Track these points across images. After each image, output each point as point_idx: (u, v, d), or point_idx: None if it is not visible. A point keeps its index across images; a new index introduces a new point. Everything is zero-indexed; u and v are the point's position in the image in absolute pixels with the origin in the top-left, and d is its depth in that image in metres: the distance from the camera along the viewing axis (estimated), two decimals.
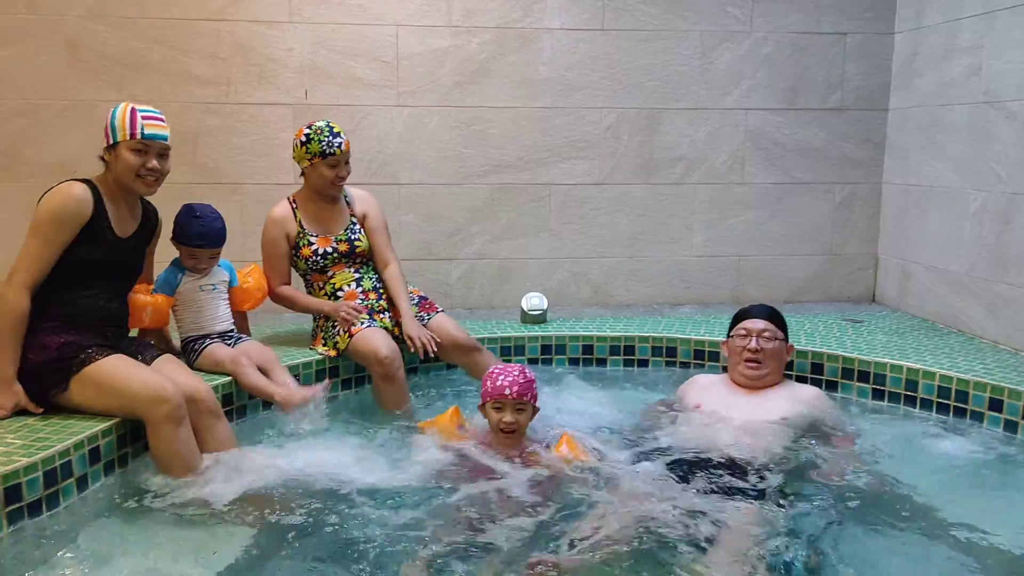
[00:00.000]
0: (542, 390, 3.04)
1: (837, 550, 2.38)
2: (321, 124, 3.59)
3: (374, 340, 3.46)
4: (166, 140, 2.88)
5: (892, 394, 3.59)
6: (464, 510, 2.53)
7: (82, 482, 2.63)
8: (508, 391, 2.85)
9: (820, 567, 2.29)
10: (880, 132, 4.96)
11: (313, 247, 3.66)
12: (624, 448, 2.96)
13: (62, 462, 2.54)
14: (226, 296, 3.45)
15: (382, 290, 3.75)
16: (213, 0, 4.46)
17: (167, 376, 2.80)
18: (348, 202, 3.79)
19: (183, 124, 4.34)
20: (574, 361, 4.12)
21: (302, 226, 3.68)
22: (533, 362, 4.03)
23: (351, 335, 3.52)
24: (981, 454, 3.05)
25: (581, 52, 4.74)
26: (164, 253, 3.31)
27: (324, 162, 3.58)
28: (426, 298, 3.88)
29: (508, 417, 2.86)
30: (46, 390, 2.77)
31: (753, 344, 3.18)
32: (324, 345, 3.64)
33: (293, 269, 3.76)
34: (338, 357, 3.60)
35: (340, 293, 3.70)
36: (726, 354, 3.34)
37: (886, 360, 3.62)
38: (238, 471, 2.74)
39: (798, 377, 3.68)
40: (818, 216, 5.02)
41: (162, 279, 3.28)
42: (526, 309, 4.33)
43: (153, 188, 2.92)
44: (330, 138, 3.57)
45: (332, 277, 3.71)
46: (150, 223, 3.09)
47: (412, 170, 4.74)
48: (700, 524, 2.40)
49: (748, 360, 3.18)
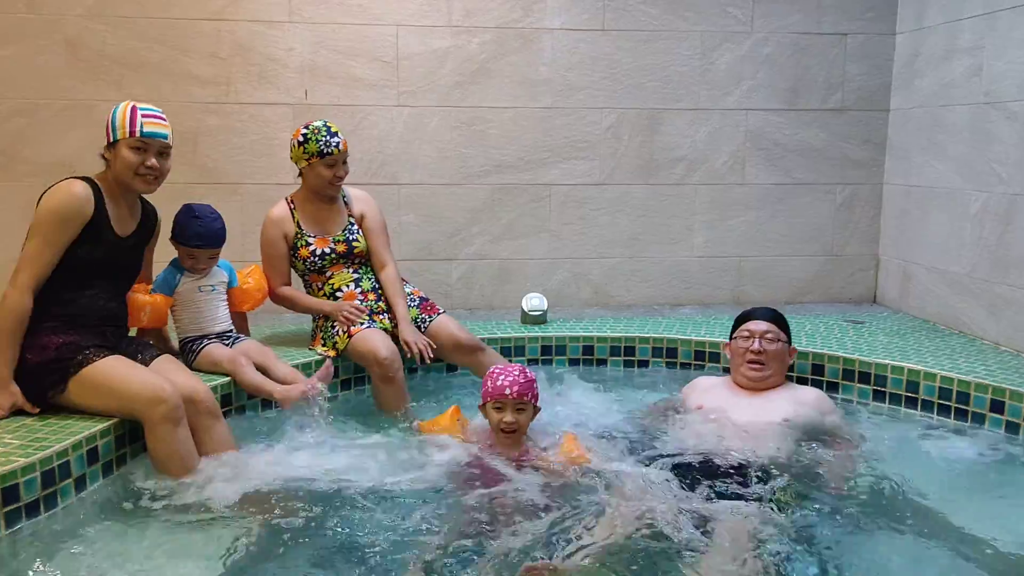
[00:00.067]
0: (542, 391, 3.03)
1: (838, 552, 2.37)
2: (318, 124, 3.58)
3: (373, 341, 3.45)
4: (166, 139, 2.87)
5: (893, 395, 3.57)
6: (464, 511, 2.52)
7: (80, 483, 2.62)
8: (508, 391, 2.84)
9: (821, 569, 2.28)
10: (881, 133, 4.95)
11: (311, 248, 3.65)
12: (625, 449, 2.95)
13: (60, 463, 2.53)
14: (225, 297, 3.44)
15: (381, 291, 3.74)
16: (213, 0, 4.46)
17: (165, 376, 2.79)
18: (346, 202, 3.78)
19: (183, 124, 4.32)
20: (574, 362, 4.11)
21: (300, 227, 3.67)
22: (533, 363, 4.02)
23: (350, 336, 3.51)
24: (982, 456, 3.04)
25: (581, 52, 4.73)
26: (164, 253, 3.30)
27: (322, 162, 3.57)
28: (427, 299, 3.86)
29: (508, 417, 2.85)
30: (44, 391, 2.76)
31: (756, 346, 3.17)
32: (323, 345, 3.63)
33: (292, 270, 3.75)
34: (337, 357, 3.60)
35: (339, 294, 3.69)
36: (728, 356, 3.33)
37: (887, 361, 3.61)
38: (236, 472, 2.74)
39: (798, 378, 3.67)
40: (819, 217, 5.01)
41: (161, 279, 3.27)
42: (526, 310, 4.32)
43: (152, 186, 2.91)
44: (327, 138, 3.56)
45: (331, 278, 3.70)
46: (149, 222, 3.08)
47: (412, 170, 4.73)
48: (700, 526, 2.39)
49: (750, 362, 3.18)
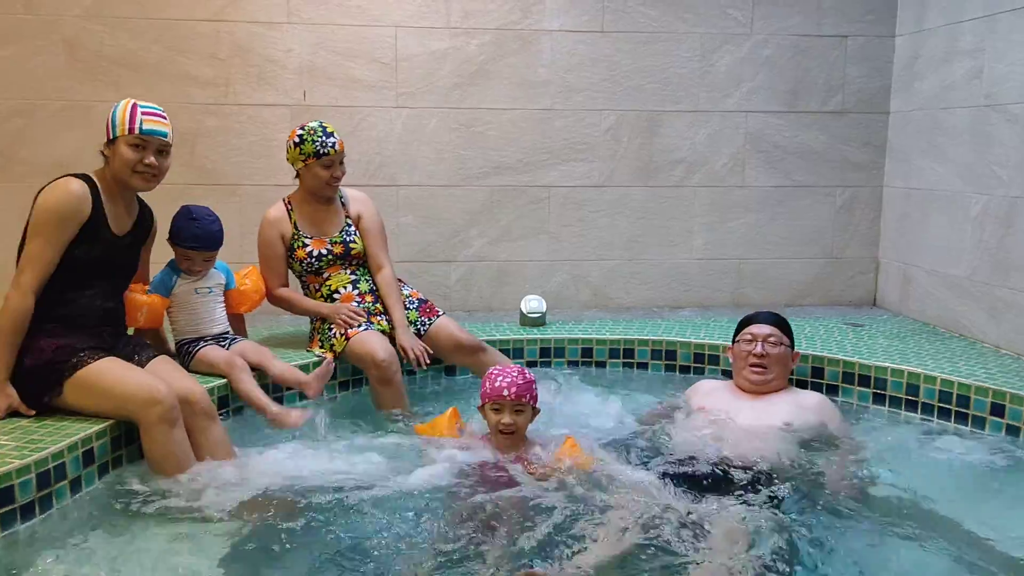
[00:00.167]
0: (541, 393, 3.01)
1: (837, 554, 2.36)
2: (314, 124, 3.57)
3: (371, 343, 3.44)
4: (165, 137, 2.85)
5: (893, 398, 3.56)
6: (461, 514, 2.51)
7: (76, 485, 2.60)
8: (506, 392, 2.83)
9: (821, 572, 2.27)
10: (881, 135, 4.94)
11: (308, 249, 3.64)
12: (625, 452, 2.93)
13: (55, 464, 2.51)
14: (221, 299, 3.43)
15: (378, 292, 3.72)
16: (212, 1, 4.45)
17: (161, 377, 2.78)
18: (343, 203, 3.76)
19: (181, 125, 4.30)
20: (573, 364, 4.10)
21: (297, 228, 3.66)
22: (532, 364, 4.01)
23: (347, 338, 3.50)
24: (982, 459, 3.03)
25: (581, 54, 4.72)
26: (162, 254, 3.29)
27: (318, 163, 3.55)
28: (426, 301, 3.85)
29: (507, 418, 2.84)
30: (40, 393, 2.75)
31: (758, 349, 3.16)
32: (321, 347, 3.61)
33: (289, 271, 3.74)
34: (335, 360, 3.58)
35: (336, 295, 3.67)
36: (731, 359, 3.32)
37: (887, 364, 3.60)
38: (232, 474, 2.72)
39: (798, 381, 3.65)
40: (819, 219, 5.00)
41: (157, 280, 3.26)
42: (525, 312, 4.31)
43: (151, 184, 2.89)
44: (323, 138, 3.54)
45: (328, 279, 3.69)
46: (145, 222, 3.06)
47: (411, 172, 4.72)
48: (700, 529, 2.38)
49: (753, 365, 3.16)
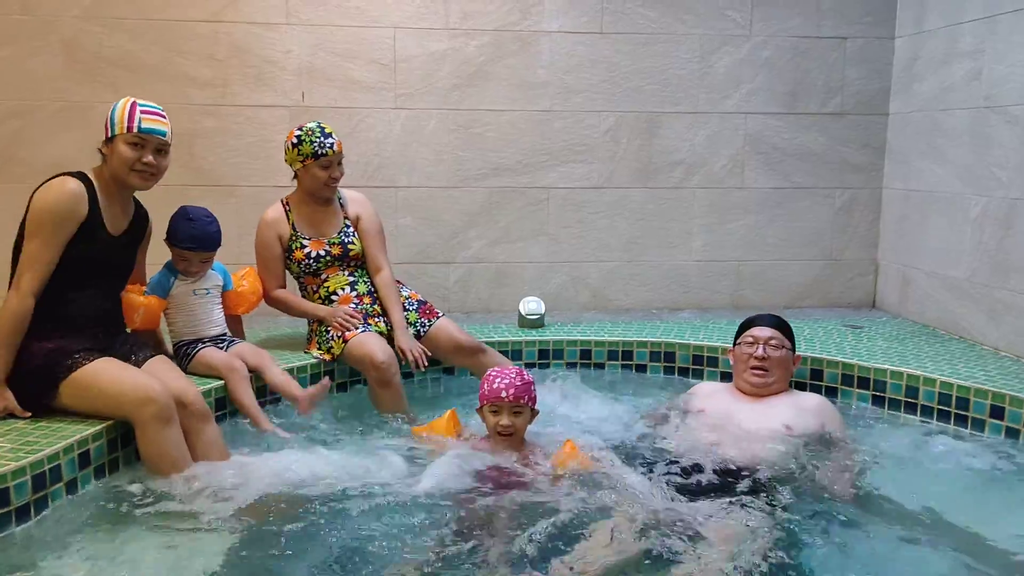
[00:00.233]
0: (539, 395, 3.00)
1: (836, 557, 2.35)
2: (312, 125, 3.56)
3: (369, 345, 3.43)
4: (164, 136, 2.84)
5: (892, 401, 3.55)
6: (459, 517, 2.50)
7: (71, 486, 2.60)
8: (504, 394, 2.82)
9: (820, 574, 2.26)
10: (880, 137, 4.93)
11: (306, 250, 3.63)
12: (624, 454, 2.91)
13: (51, 466, 2.51)
14: (219, 300, 3.42)
15: (377, 294, 3.71)
16: (210, 2, 4.44)
17: (156, 377, 2.77)
18: (342, 204, 3.75)
19: (179, 126, 4.26)
20: (572, 366, 4.08)
21: (295, 229, 3.65)
22: (531, 366, 3.99)
23: (345, 340, 3.49)
24: (982, 462, 3.01)
25: (580, 55, 4.71)
26: (160, 255, 3.28)
27: (316, 163, 3.54)
28: (425, 302, 3.84)
29: (505, 420, 2.83)
30: (36, 396, 2.74)
31: (760, 352, 3.14)
32: (319, 349, 3.60)
33: (287, 272, 3.73)
34: (333, 362, 3.57)
35: (334, 297, 3.66)
36: (731, 361, 3.31)
37: (886, 366, 3.59)
38: (229, 476, 2.70)
39: (797, 384, 3.65)
40: (818, 221, 5.00)
41: (155, 281, 3.25)
42: (524, 313, 4.30)
43: (148, 183, 2.87)
44: (322, 139, 3.53)
45: (326, 280, 3.68)
46: (141, 222, 3.05)
47: (410, 173, 4.71)
48: (699, 532, 2.37)
49: (754, 368, 3.15)
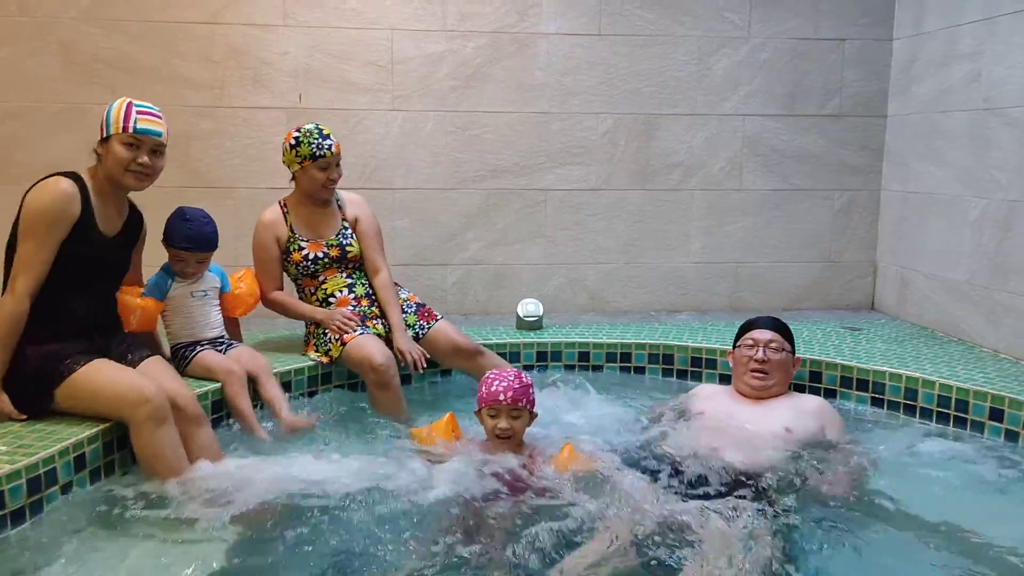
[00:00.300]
0: (538, 397, 2.99)
1: (835, 560, 2.35)
2: (310, 127, 3.55)
3: (368, 348, 3.41)
4: (159, 136, 2.83)
5: (891, 403, 3.54)
6: (457, 520, 2.48)
7: (67, 489, 2.58)
8: (502, 396, 2.80)
9: None
10: (879, 139, 4.93)
11: (304, 252, 3.62)
12: (623, 457, 2.90)
13: (46, 469, 2.49)
14: (217, 302, 3.40)
15: (375, 296, 3.70)
16: (207, 3, 4.43)
17: (151, 377, 2.75)
18: (340, 206, 3.74)
19: (176, 127, 4.20)
20: (570, 368, 4.07)
21: (293, 230, 3.63)
22: (529, 369, 3.98)
23: (343, 343, 3.48)
24: (981, 464, 3.01)
25: (578, 57, 4.70)
26: (157, 257, 3.27)
27: (314, 165, 3.53)
28: (424, 305, 3.82)
29: (503, 423, 2.81)
30: (32, 400, 2.73)
31: (760, 355, 3.14)
32: (316, 351, 3.59)
33: (285, 274, 3.72)
34: (331, 364, 3.56)
35: (332, 299, 3.65)
36: (731, 364, 3.30)
37: (885, 369, 3.58)
38: (226, 479, 2.69)
39: (796, 386, 3.64)
40: (816, 223, 4.99)
41: (152, 283, 3.23)
42: (522, 315, 4.29)
43: (143, 183, 2.85)
44: (320, 140, 3.52)
45: (324, 282, 3.66)
46: (135, 223, 3.03)
47: (407, 175, 4.70)
48: (699, 535, 2.36)
49: (754, 371, 3.14)
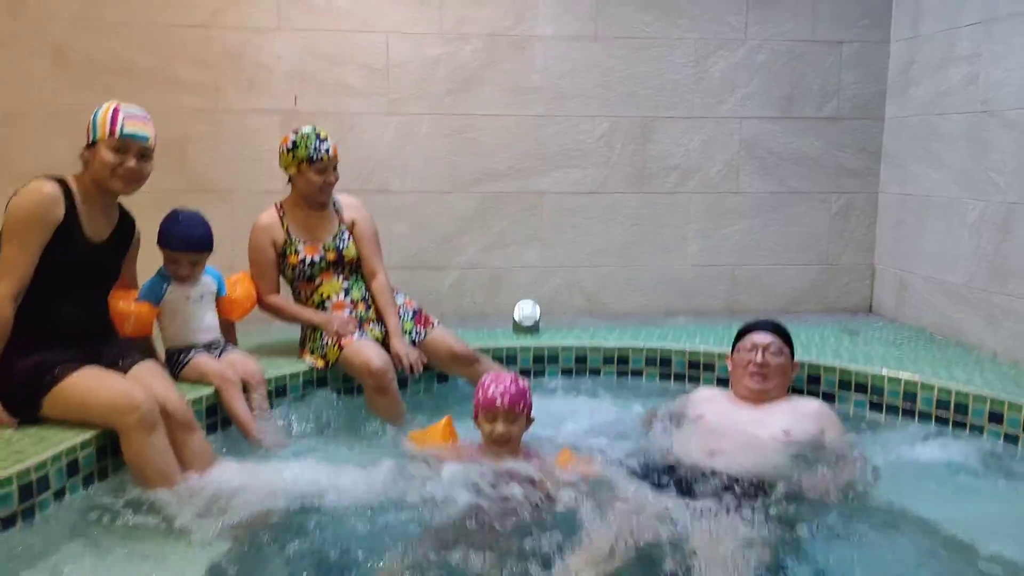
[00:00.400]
0: (535, 401, 2.97)
1: (834, 562, 2.34)
2: (307, 130, 3.53)
3: (366, 352, 3.39)
4: (146, 140, 2.79)
5: (890, 406, 3.53)
6: (455, 525, 2.47)
7: (59, 495, 2.55)
8: (499, 401, 2.79)
9: None
10: (876, 141, 4.92)
11: (300, 255, 3.59)
12: (621, 461, 2.89)
13: (38, 475, 2.47)
14: (213, 306, 3.39)
15: (371, 300, 3.68)
16: (202, 6, 4.41)
17: (141, 383, 2.72)
18: (337, 209, 3.72)
19: (171, 131, 4.26)
20: (567, 371, 4.06)
21: (289, 234, 3.61)
22: (525, 372, 3.96)
23: (341, 347, 3.46)
24: (980, 467, 3.01)
25: (574, 60, 4.69)
26: (154, 262, 3.25)
27: (311, 168, 3.51)
28: (420, 311, 3.79)
29: (500, 428, 2.79)
30: (21, 409, 2.69)
31: (759, 358, 3.13)
32: (312, 355, 3.57)
33: (281, 277, 3.69)
34: (326, 368, 3.54)
35: (328, 303, 3.63)
36: (730, 368, 3.29)
37: (884, 371, 3.57)
38: (219, 485, 2.66)
39: (794, 389, 3.61)
40: (814, 226, 4.98)
41: (147, 287, 3.21)
42: (518, 319, 4.27)
43: (131, 188, 2.81)
44: (317, 143, 3.50)
45: (320, 286, 3.64)
46: (126, 229, 2.99)
47: (403, 178, 4.68)
48: (698, 539, 2.35)
49: (753, 374, 3.13)
